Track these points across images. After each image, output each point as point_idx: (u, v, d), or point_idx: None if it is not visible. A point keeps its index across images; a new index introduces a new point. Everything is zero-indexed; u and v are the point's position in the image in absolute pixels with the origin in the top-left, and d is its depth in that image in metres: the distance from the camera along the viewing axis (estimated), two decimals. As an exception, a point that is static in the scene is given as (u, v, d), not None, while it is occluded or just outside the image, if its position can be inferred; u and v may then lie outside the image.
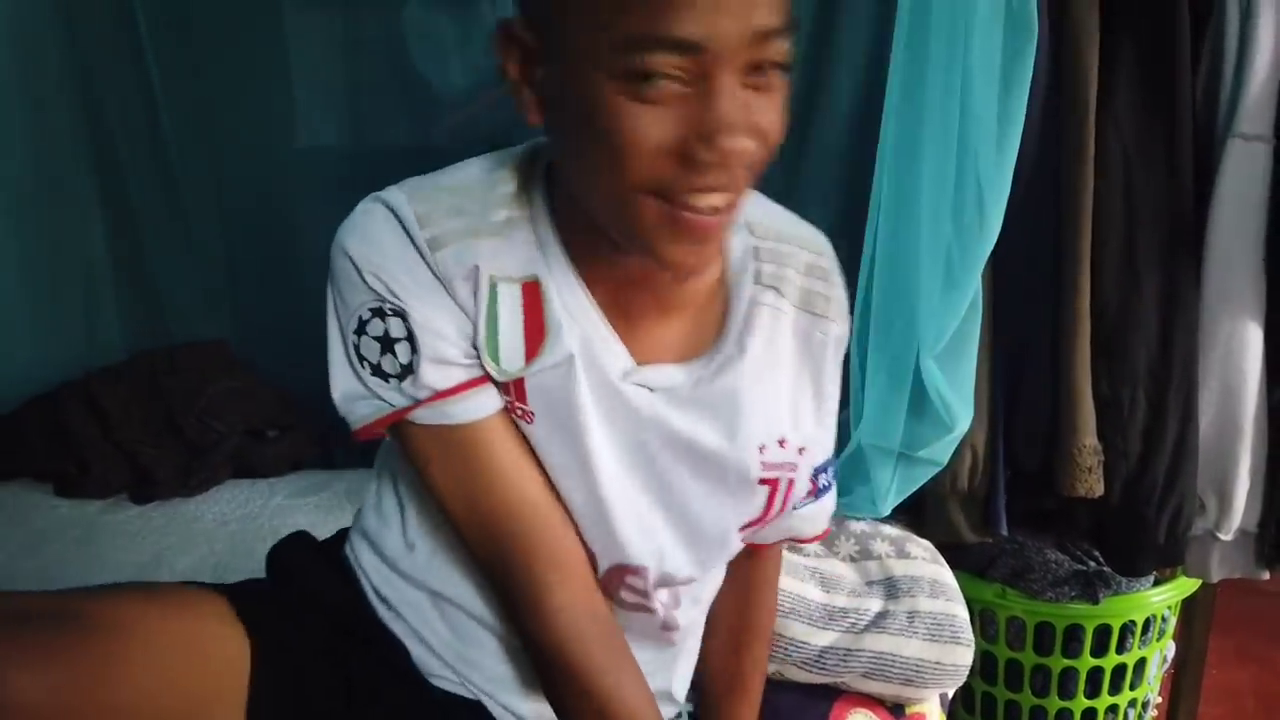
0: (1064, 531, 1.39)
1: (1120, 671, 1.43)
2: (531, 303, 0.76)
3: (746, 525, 0.85)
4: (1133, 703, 1.48)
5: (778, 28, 0.65)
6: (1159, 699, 1.57)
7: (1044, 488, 1.29)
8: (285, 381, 1.64)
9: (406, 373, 0.75)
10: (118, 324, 1.78)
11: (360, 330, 0.75)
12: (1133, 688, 1.45)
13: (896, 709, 1.14)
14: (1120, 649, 1.41)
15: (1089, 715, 1.45)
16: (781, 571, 1.03)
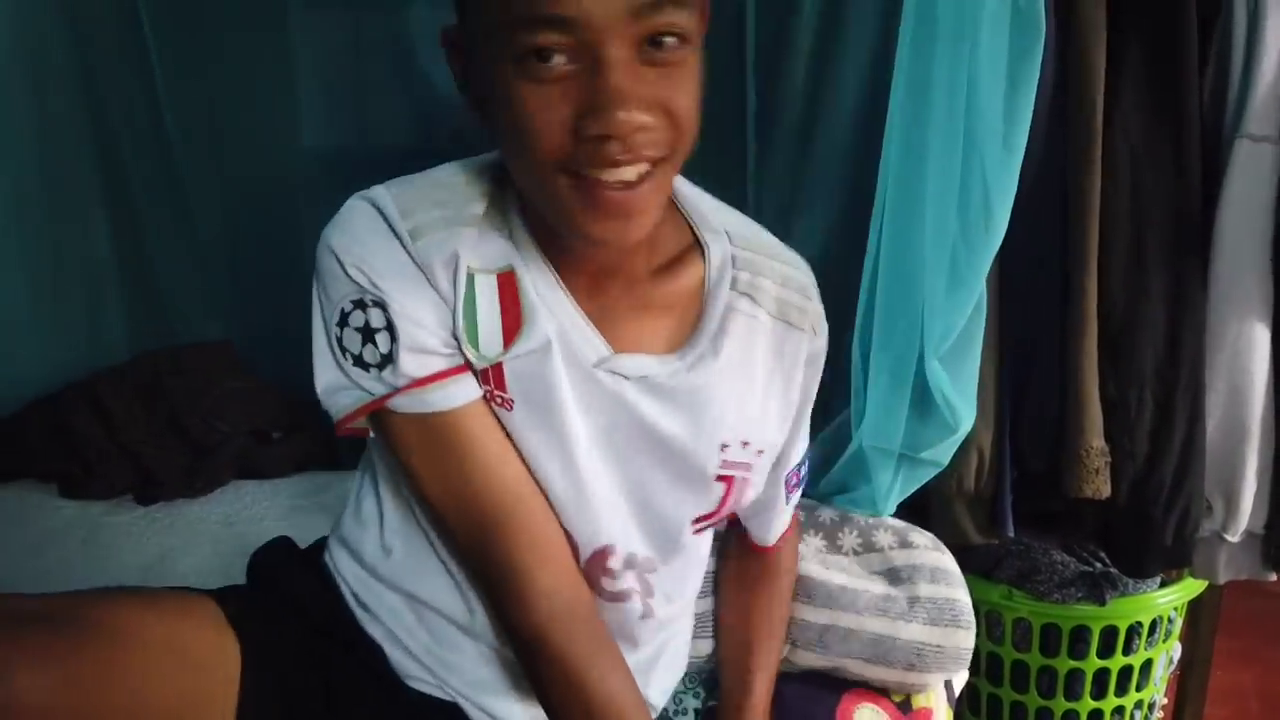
0: (1070, 533, 1.39)
1: (1126, 673, 1.43)
2: (508, 292, 0.79)
3: (700, 518, 0.88)
4: (1139, 704, 1.47)
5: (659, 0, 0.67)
6: (1165, 700, 1.57)
7: (1051, 489, 1.28)
8: (289, 383, 1.64)
9: (386, 362, 0.77)
10: (121, 325, 1.78)
11: (343, 322, 0.77)
12: (1139, 689, 1.45)
13: (903, 705, 1.14)
14: (1126, 650, 1.41)
15: (1095, 716, 1.44)
16: None
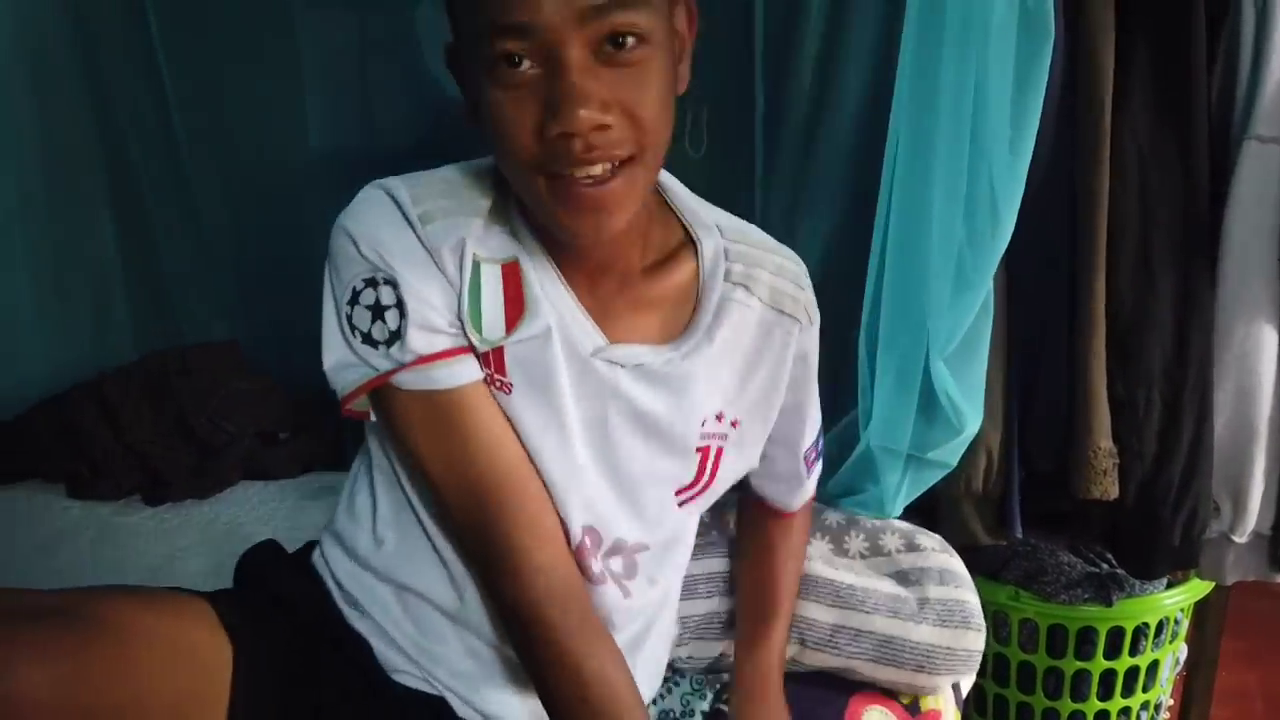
0: (1078, 534, 1.39)
1: (1133, 674, 1.43)
2: (511, 281, 0.82)
3: (681, 491, 0.93)
4: (1145, 705, 1.47)
5: (608, 2, 0.70)
6: (1171, 701, 1.56)
7: (1058, 490, 1.28)
8: (296, 383, 1.64)
9: (394, 339, 0.80)
10: (128, 325, 1.78)
11: (354, 300, 0.80)
12: (1145, 690, 1.45)
13: (912, 706, 1.14)
14: (1133, 651, 1.41)
15: (1101, 717, 1.44)
16: None
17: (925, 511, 1.30)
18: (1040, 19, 1.07)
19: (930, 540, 1.17)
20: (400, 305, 0.79)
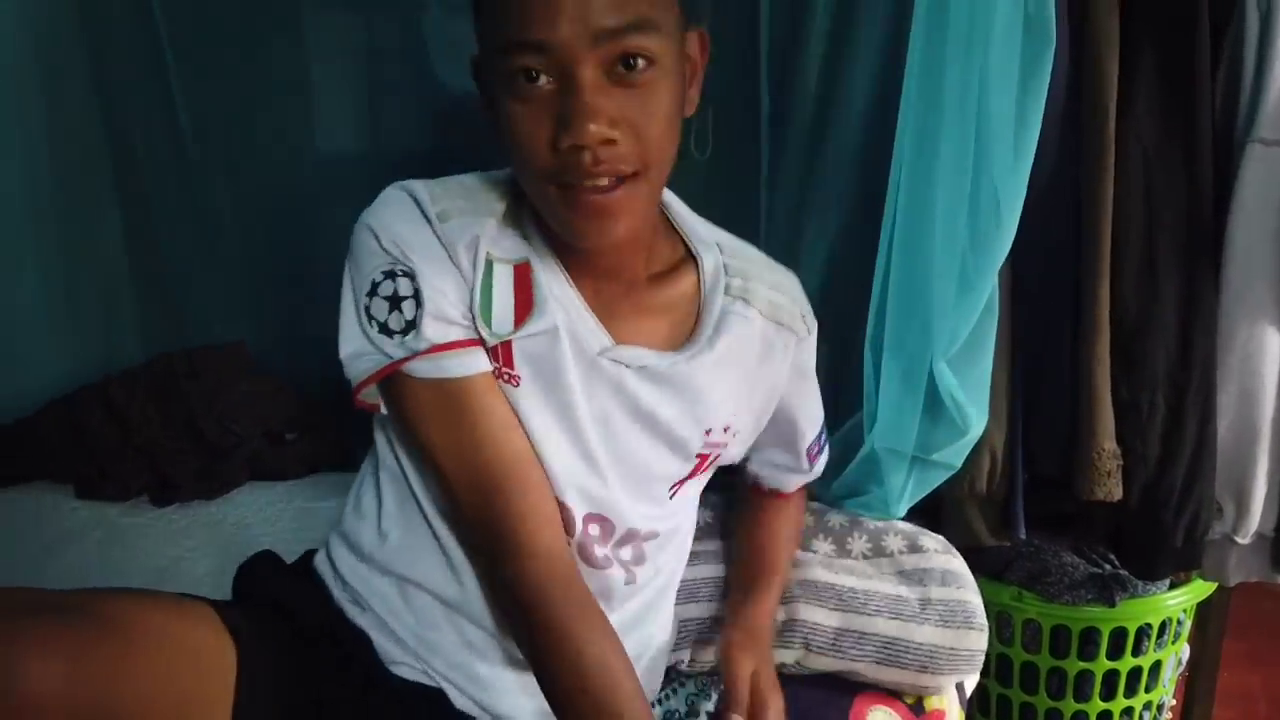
0: (1081, 535, 1.39)
1: (1136, 674, 1.43)
2: (522, 281, 0.86)
3: (676, 484, 0.97)
4: (1147, 705, 1.48)
5: (622, 26, 0.75)
6: (1173, 702, 1.57)
7: (1062, 491, 1.29)
8: (303, 384, 1.64)
9: (410, 328, 0.83)
10: (136, 327, 1.78)
11: (372, 292, 0.84)
12: (1148, 690, 1.46)
13: (916, 706, 1.14)
14: (1136, 652, 1.42)
15: (1104, 717, 1.45)
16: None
17: (929, 513, 1.30)
18: (1042, 24, 1.08)
19: (933, 541, 1.18)
20: (417, 296, 0.83)
